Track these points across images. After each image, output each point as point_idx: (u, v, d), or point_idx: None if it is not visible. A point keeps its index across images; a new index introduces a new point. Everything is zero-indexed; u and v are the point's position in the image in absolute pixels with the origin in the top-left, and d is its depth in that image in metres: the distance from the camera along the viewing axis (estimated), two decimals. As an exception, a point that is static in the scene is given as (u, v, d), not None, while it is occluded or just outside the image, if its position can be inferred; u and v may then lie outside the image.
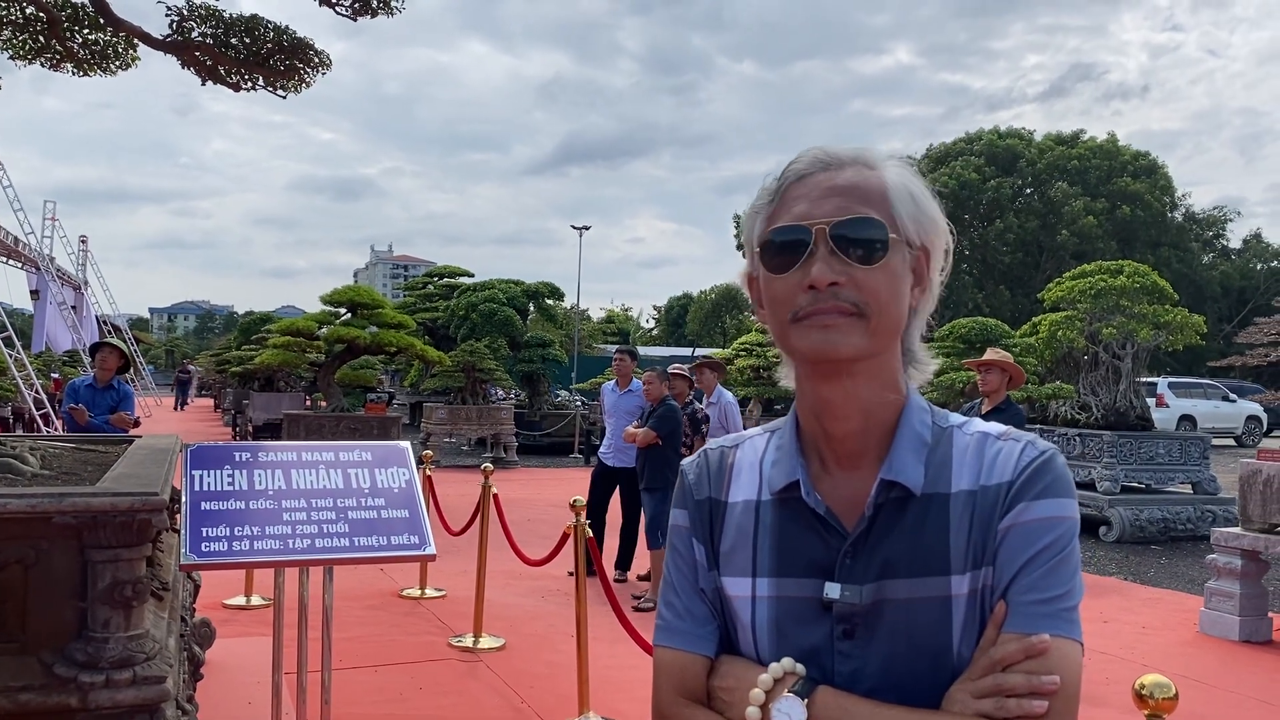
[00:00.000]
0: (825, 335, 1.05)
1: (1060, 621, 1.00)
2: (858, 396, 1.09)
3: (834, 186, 1.09)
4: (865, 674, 1.05)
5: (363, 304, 12.66)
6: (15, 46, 5.34)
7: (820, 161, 1.12)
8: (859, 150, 1.14)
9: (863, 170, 1.11)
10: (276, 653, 3.40)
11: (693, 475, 1.24)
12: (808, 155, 1.14)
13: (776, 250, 1.09)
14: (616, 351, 9.04)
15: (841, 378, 1.08)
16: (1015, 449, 1.08)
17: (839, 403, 1.09)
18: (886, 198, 1.09)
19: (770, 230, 1.10)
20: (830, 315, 1.04)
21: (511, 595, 7.43)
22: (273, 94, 4.93)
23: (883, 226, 1.07)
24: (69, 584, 2.49)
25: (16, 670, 2.43)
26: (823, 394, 1.10)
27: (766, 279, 1.11)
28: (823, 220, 1.06)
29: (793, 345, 1.08)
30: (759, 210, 1.15)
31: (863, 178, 1.10)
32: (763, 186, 1.16)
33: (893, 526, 1.07)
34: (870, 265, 1.06)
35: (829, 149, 1.14)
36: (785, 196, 1.11)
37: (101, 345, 7.65)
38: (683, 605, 1.18)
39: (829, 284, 1.04)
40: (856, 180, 1.09)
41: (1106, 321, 11.71)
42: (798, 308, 1.06)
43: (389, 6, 4.17)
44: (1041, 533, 1.03)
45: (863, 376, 1.09)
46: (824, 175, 1.10)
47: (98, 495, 2.47)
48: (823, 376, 1.09)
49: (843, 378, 1.08)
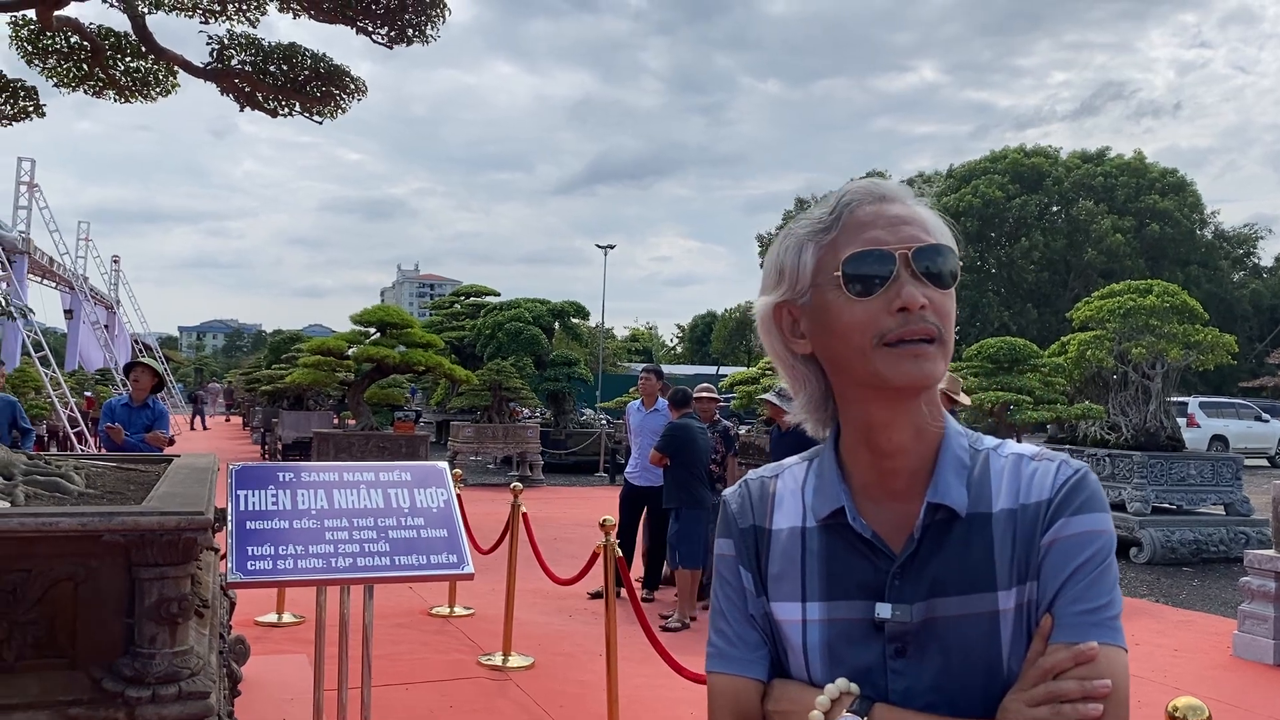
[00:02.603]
0: (919, 364, 1.07)
1: (1106, 630, 1.02)
2: (914, 418, 1.12)
3: (898, 216, 1.11)
4: (918, 690, 1.08)
5: (392, 323, 12.80)
6: (60, 74, 5.49)
7: (872, 194, 1.14)
8: (898, 186, 1.17)
9: (910, 204, 1.14)
10: (318, 670, 3.45)
11: (735, 505, 1.27)
12: (858, 187, 1.16)
13: (858, 275, 1.09)
14: (642, 371, 9.09)
15: (908, 400, 1.11)
16: (1051, 468, 1.11)
17: (897, 424, 1.12)
18: (935, 229, 1.13)
19: (850, 255, 1.10)
20: (921, 343, 1.07)
21: (538, 614, 7.46)
22: (309, 119, 5.04)
23: (955, 255, 1.12)
24: (117, 601, 2.55)
25: (67, 685, 2.49)
26: (884, 416, 1.12)
27: (837, 304, 1.10)
28: (902, 246, 1.08)
29: (878, 370, 1.08)
30: (807, 239, 1.15)
31: (916, 210, 1.13)
32: (807, 213, 1.18)
33: (939, 547, 1.10)
34: (945, 290, 1.10)
35: (875, 182, 1.17)
36: (847, 224, 1.12)
37: (136, 365, 7.78)
38: (734, 632, 1.21)
39: (921, 306, 1.06)
40: (913, 213, 1.13)
41: (1136, 341, 11.63)
42: (885, 330, 1.07)
43: (424, 35, 4.26)
44: (1082, 547, 1.06)
45: (928, 401, 1.12)
46: (880, 206, 1.13)
47: (145, 514, 2.54)
48: (889, 401, 1.11)
49: (909, 400, 1.11)
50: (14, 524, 2.46)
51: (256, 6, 5.35)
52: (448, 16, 4.27)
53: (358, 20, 4.25)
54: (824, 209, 1.16)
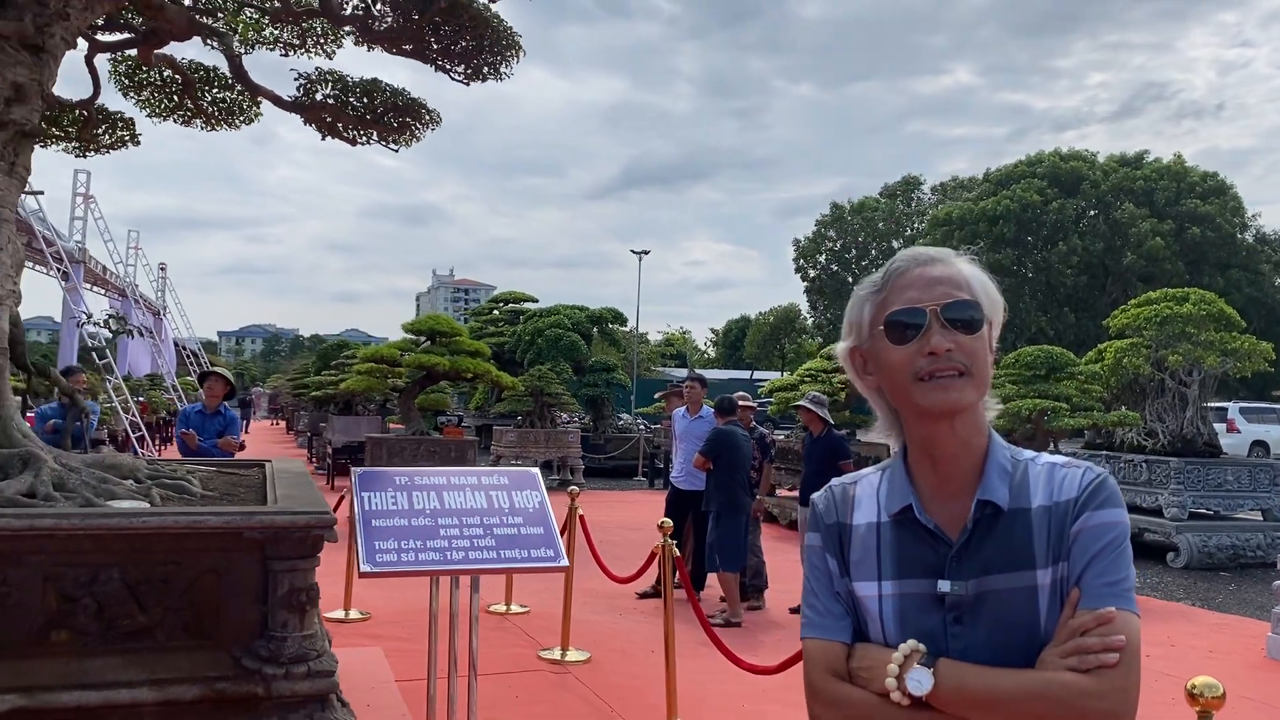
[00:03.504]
0: (946, 394, 1.39)
1: (1122, 599, 1.32)
2: (960, 435, 1.43)
3: (934, 277, 1.44)
4: (973, 649, 1.38)
5: (441, 332, 13.22)
6: (153, 105, 5.90)
7: (916, 260, 1.48)
8: (942, 250, 1.50)
9: (949, 265, 1.46)
10: (432, 659, 3.78)
11: (822, 505, 1.59)
12: (904, 255, 1.50)
13: (898, 328, 1.43)
14: (687, 379, 9.41)
15: (952, 421, 1.42)
16: (1078, 473, 1.42)
17: (947, 439, 1.43)
18: (971, 285, 1.45)
19: (890, 312, 1.44)
20: (949, 377, 1.39)
21: (591, 613, 7.78)
22: (385, 147, 5.40)
23: (979, 306, 1.43)
24: (253, 590, 2.91)
25: (212, 663, 2.85)
26: (936, 434, 1.44)
27: (885, 349, 1.44)
28: (933, 303, 1.41)
29: (916, 401, 1.42)
30: (866, 298, 1.50)
31: (953, 270, 1.46)
32: (866, 280, 1.52)
33: (988, 535, 1.41)
34: (972, 335, 1.41)
35: (920, 250, 1.51)
36: (893, 287, 1.46)
37: (210, 374, 8.20)
38: (823, 606, 1.52)
39: (945, 350, 1.39)
40: (950, 272, 1.45)
41: (1172, 349, 11.77)
42: (918, 370, 1.40)
43: (498, 73, 4.60)
44: (1103, 534, 1.36)
45: (964, 421, 1.43)
46: (921, 269, 1.46)
47: (280, 514, 2.89)
48: (935, 421, 1.43)
49: (953, 421, 1.42)
50: (168, 522, 2.83)
51: (333, 40, 5.74)
52: (522, 57, 4.63)
53: (437, 60, 4.60)
54: (880, 274, 1.50)
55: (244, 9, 5.61)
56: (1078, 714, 1.29)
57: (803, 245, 60.61)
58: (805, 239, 60.74)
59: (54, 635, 2.76)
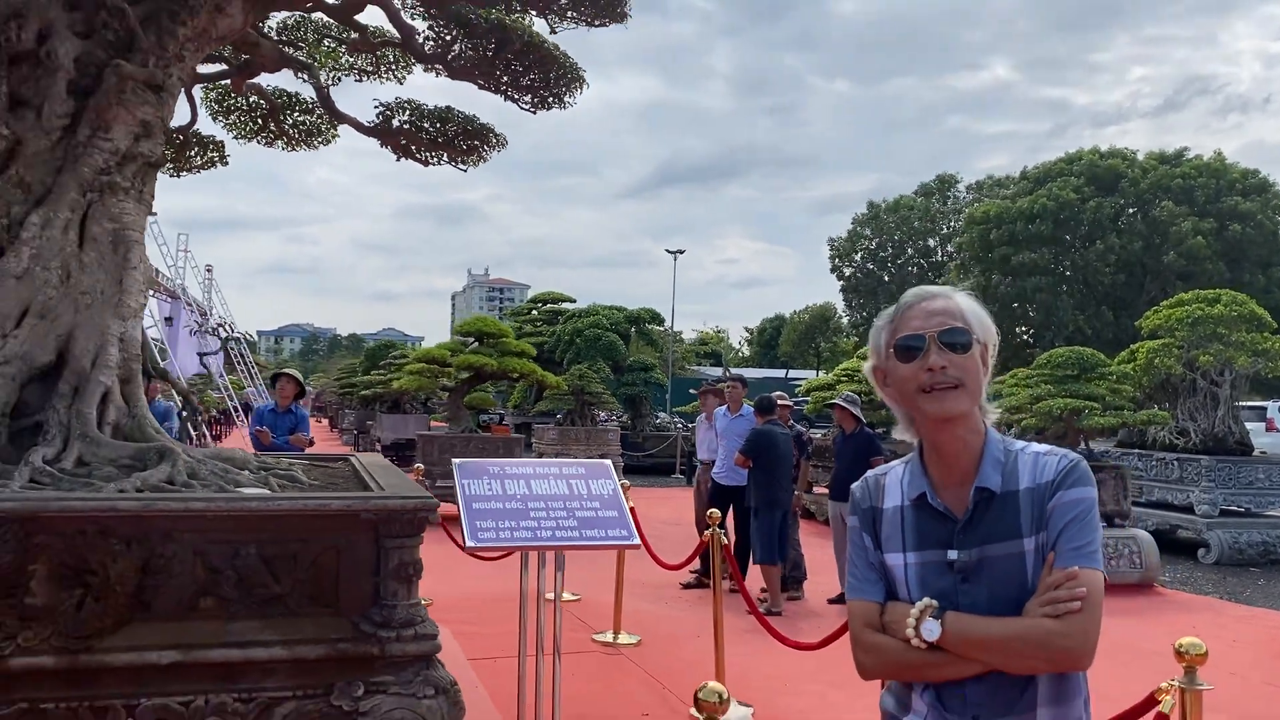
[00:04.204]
0: (943, 404, 1.81)
1: (1087, 559, 1.71)
2: (959, 436, 1.84)
3: (934, 310, 1.86)
4: (978, 603, 1.78)
5: (489, 333, 13.73)
6: (239, 128, 6.41)
7: (920, 296, 1.90)
8: (943, 288, 1.92)
9: (948, 300, 1.88)
10: (523, 635, 4.25)
11: (859, 493, 2.01)
12: (911, 293, 1.92)
13: (905, 350, 1.84)
14: (729, 379, 9.84)
15: (952, 425, 1.84)
16: (1054, 460, 1.81)
17: (950, 440, 1.85)
18: (965, 315, 1.86)
19: (899, 338, 1.86)
20: (945, 389, 1.80)
21: (638, 601, 8.21)
22: (454, 167, 5.87)
23: (970, 332, 1.84)
24: (368, 564, 3.36)
25: (335, 627, 3.31)
26: (940, 436, 1.86)
27: (897, 367, 1.86)
28: (932, 330, 1.83)
29: (922, 408, 1.83)
30: (883, 327, 1.91)
31: (950, 304, 1.87)
32: (883, 313, 1.94)
33: (985, 514, 1.81)
34: (964, 355, 1.82)
35: (925, 288, 1.93)
36: (902, 318, 1.88)
37: (281, 375, 8.73)
38: (861, 573, 1.94)
39: (941, 367, 1.80)
40: (948, 305, 1.86)
41: (1204, 349, 12.01)
42: (921, 383, 1.82)
43: (562, 102, 5.04)
44: (1073, 508, 1.75)
45: (962, 424, 1.84)
46: (924, 304, 1.87)
47: (391, 498, 3.35)
48: (939, 426, 1.85)
49: (952, 425, 1.84)
50: (299, 505, 3.30)
51: (403, 66, 6.22)
52: (586, 89, 5.06)
53: (506, 91, 5.04)
54: (893, 308, 1.92)
55: (323, 40, 6.11)
56: (1049, 651, 1.70)
57: (838, 244, 60.68)
58: (841, 238, 60.80)
59: (202, 602, 3.23)
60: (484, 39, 4.79)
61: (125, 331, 4.04)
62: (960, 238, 52.39)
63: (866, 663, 1.91)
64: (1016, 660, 1.73)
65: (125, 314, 4.05)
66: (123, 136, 4.19)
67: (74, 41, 4.18)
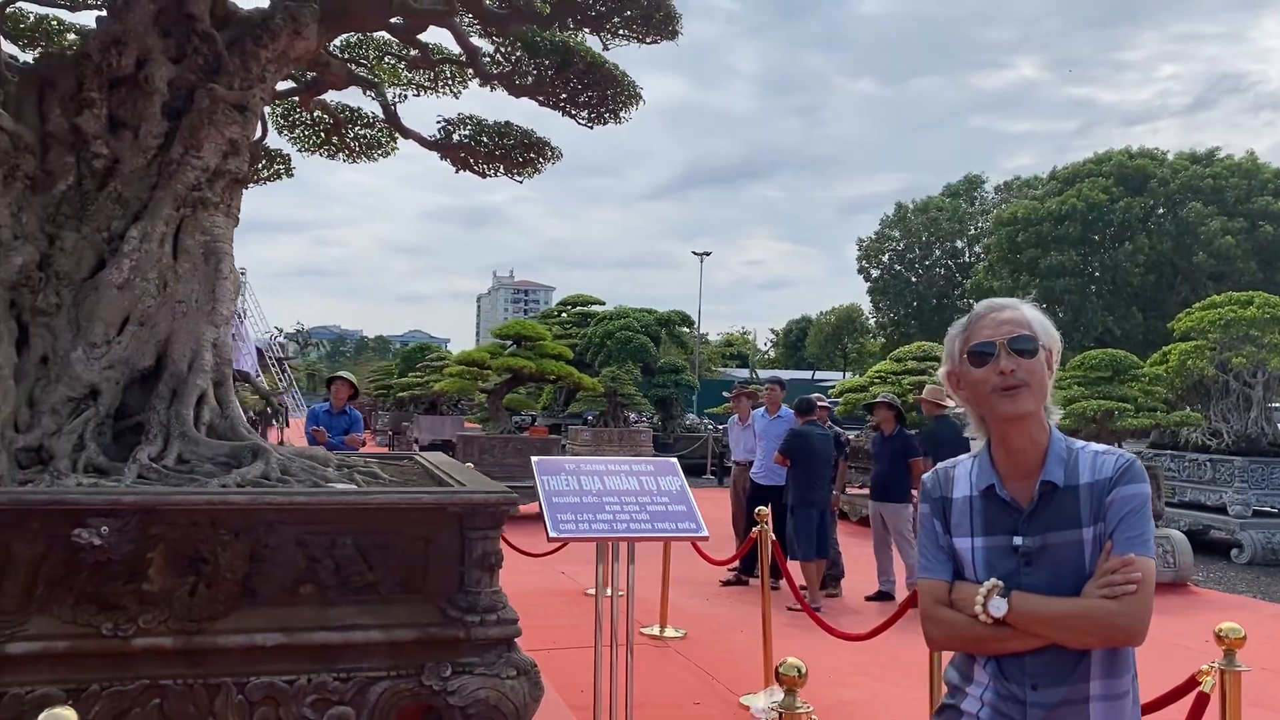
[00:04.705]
0: (1013, 402, 2.02)
1: (1141, 547, 1.92)
2: (1027, 433, 2.06)
3: (1003, 320, 2.07)
4: (1038, 585, 1.99)
5: (527, 336, 14.04)
6: (303, 141, 6.70)
7: (990, 308, 2.11)
8: (1011, 300, 2.14)
9: (1015, 311, 2.09)
10: (598, 624, 4.50)
11: (930, 484, 2.22)
12: (982, 305, 2.14)
13: (977, 356, 2.06)
14: (768, 382, 10.06)
15: (1021, 422, 2.05)
16: (1112, 459, 2.02)
17: (1018, 436, 2.06)
18: (1031, 324, 2.07)
19: (971, 345, 2.07)
20: (1015, 389, 2.02)
21: (681, 597, 8.43)
22: (510, 179, 6.13)
23: (1035, 339, 2.05)
24: (453, 554, 3.61)
25: (423, 612, 3.57)
26: (1009, 433, 2.07)
27: (970, 372, 2.07)
28: (1001, 337, 2.04)
29: (994, 407, 2.04)
30: (956, 336, 2.13)
31: (1017, 314, 2.08)
32: (955, 324, 2.16)
33: (1048, 505, 2.02)
34: (1030, 358, 2.04)
35: (994, 300, 2.15)
36: (974, 328, 2.09)
37: (336, 378, 9.05)
38: (931, 555, 2.15)
39: (1010, 370, 2.03)
40: (1015, 316, 2.08)
41: (1236, 351, 12.10)
42: (993, 385, 2.03)
43: (618, 117, 5.28)
44: (1129, 501, 1.96)
45: (1030, 421, 2.06)
46: (994, 314, 2.09)
47: (475, 493, 3.61)
48: (1010, 423, 2.06)
49: (1022, 422, 2.05)
50: (392, 499, 3.56)
51: (459, 81, 6.48)
52: (641, 105, 5.30)
53: (564, 107, 5.29)
54: (965, 319, 2.14)
55: (384, 57, 6.39)
56: (1105, 627, 1.91)
57: (866, 245, 60.57)
58: (869, 239, 60.69)
59: (303, 588, 3.49)
60: (547, 59, 5.04)
61: (218, 337, 4.32)
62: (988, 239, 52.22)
63: (936, 635, 2.13)
64: (1075, 635, 1.94)
65: (218, 321, 4.33)
66: (212, 154, 4.48)
67: (168, 66, 4.47)
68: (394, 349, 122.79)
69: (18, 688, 3.19)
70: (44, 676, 3.21)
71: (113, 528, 3.25)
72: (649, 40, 5.35)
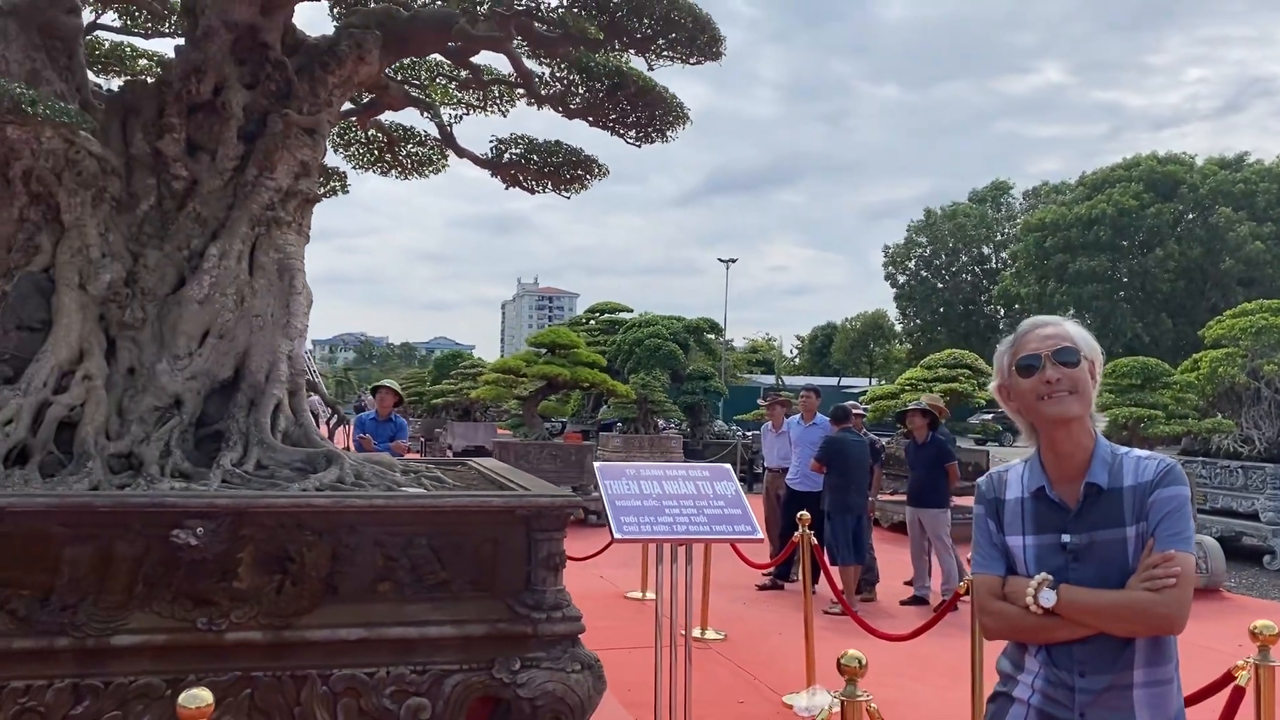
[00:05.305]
0: (1060, 405, 2.20)
1: (1181, 543, 2.09)
2: (1074, 438, 2.24)
3: (1047, 334, 2.26)
4: (1084, 580, 2.17)
5: (561, 344, 14.28)
6: (358, 159, 6.96)
7: (1035, 325, 2.30)
8: (1054, 318, 2.32)
9: (1059, 326, 2.28)
10: (658, 622, 4.71)
11: (984, 486, 2.40)
12: (1028, 322, 2.32)
13: (1025, 368, 2.25)
14: (804, 390, 10.24)
15: (1068, 427, 2.24)
16: (1154, 463, 2.19)
17: (1065, 441, 2.25)
18: (1074, 338, 2.26)
19: (1019, 358, 2.26)
20: (1061, 395, 2.20)
21: (719, 601, 8.60)
22: (558, 195, 6.35)
23: (1077, 350, 2.24)
24: (520, 554, 3.82)
25: (492, 609, 3.78)
26: (1057, 437, 2.26)
27: (1019, 383, 2.26)
28: (1047, 350, 2.23)
29: (1041, 412, 2.22)
30: (1005, 351, 2.32)
31: (1061, 330, 2.27)
32: (1004, 341, 2.35)
33: (1094, 505, 2.20)
34: (1074, 368, 2.22)
35: (1039, 318, 2.33)
36: (1021, 342, 2.28)
37: (380, 387, 9.31)
38: (985, 552, 2.34)
39: (1056, 379, 2.21)
40: (1059, 331, 2.27)
41: (1268, 358, 12.14)
42: (1041, 393, 2.22)
43: (664, 136, 5.50)
44: (1169, 502, 2.13)
45: (1076, 426, 2.24)
46: (1039, 330, 2.28)
47: (541, 496, 3.82)
48: (1057, 427, 2.24)
49: (1068, 426, 2.24)
50: (464, 501, 3.78)
51: (508, 100, 6.71)
52: (688, 125, 5.51)
53: (613, 127, 5.51)
54: (1013, 336, 2.32)
55: (436, 78, 6.64)
56: (1149, 617, 2.09)
57: (893, 251, 60.53)
58: (896, 245, 60.65)
59: (380, 586, 3.71)
60: (599, 82, 5.26)
61: (292, 349, 4.56)
62: (1016, 245, 52.07)
63: (990, 625, 2.32)
64: (1120, 625, 2.11)
65: (292, 334, 4.57)
66: (285, 176, 4.72)
67: (243, 92, 4.72)
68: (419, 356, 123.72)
69: (122, 677, 3.43)
70: (145, 667, 3.45)
71: (207, 529, 3.49)
72: (693, 61, 5.55)
